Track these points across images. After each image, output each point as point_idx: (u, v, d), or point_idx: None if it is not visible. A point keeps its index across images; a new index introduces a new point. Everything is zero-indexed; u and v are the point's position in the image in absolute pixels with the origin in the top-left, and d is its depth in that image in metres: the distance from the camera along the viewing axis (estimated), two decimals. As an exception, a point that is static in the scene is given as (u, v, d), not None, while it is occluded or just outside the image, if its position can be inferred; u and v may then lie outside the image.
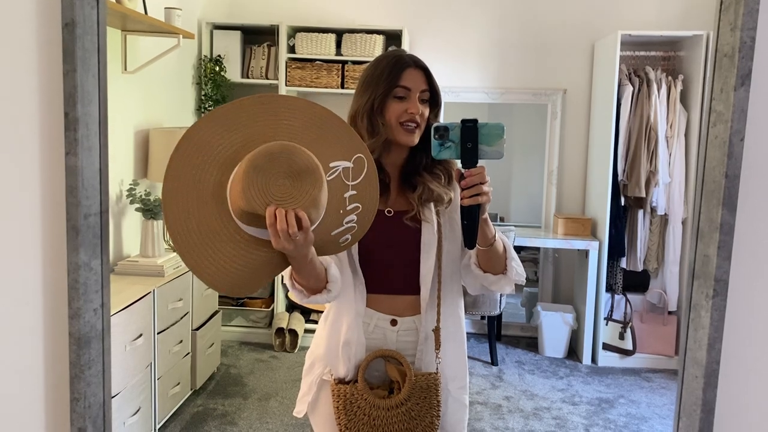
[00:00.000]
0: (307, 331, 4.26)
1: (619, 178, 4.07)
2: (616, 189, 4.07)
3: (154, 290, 2.86)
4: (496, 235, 1.40)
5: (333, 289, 1.36)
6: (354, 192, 1.21)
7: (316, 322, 4.15)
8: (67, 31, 0.74)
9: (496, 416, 3.40)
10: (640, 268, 4.18)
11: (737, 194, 0.68)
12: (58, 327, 0.79)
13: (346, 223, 1.20)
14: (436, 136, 1.30)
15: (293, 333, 4.19)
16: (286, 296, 4.32)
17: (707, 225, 0.71)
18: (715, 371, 0.67)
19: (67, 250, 0.77)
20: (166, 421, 3.10)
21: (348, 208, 1.19)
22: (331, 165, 1.20)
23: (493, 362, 4.11)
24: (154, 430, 2.94)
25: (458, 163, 1.34)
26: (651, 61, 4.16)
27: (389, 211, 1.47)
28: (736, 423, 0.75)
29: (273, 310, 4.36)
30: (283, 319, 4.25)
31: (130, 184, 3.16)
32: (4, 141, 0.76)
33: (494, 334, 4.18)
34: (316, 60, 4.24)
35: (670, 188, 4.06)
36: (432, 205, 1.47)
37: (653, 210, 4.11)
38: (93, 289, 0.77)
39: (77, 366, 0.78)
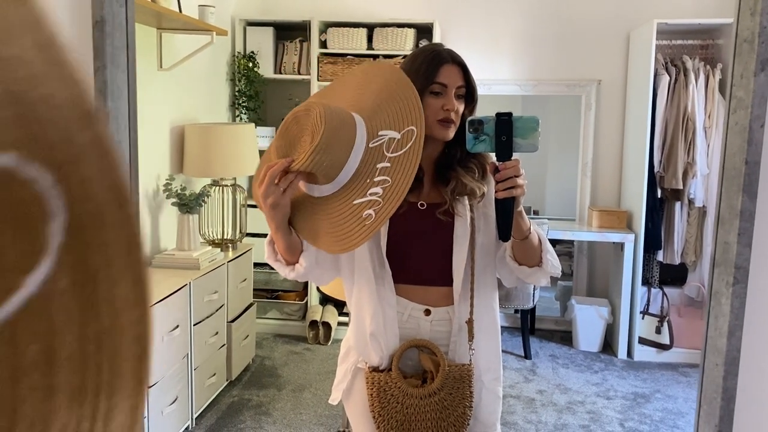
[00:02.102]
0: (340, 323, 4.30)
1: (656, 169, 3.99)
2: (653, 181, 3.99)
3: (190, 283, 2.93)
4: (531, 227, 1.40)
5: (298, 270, 1.40)
6: (387, 164, 1.21)
7: (349, 315, 4.19)
8: (98, 29, 0.77)
9: (529, 410, 3.39)
10: (677, 261, 4.10)
11: (758, 180, 0.67)
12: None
13: (370, 194, 1.20)
14: (471, 130, 1.31)
15: (327, 325, 4.24)
16: (319, 289, 4.37)
17: (728, 212, 0.70)
18: (736, 359, 0.67)
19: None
20: (202, 411, 3.17)
21: (376, 179, 1.20)
22: (380, 133, 1.23)
23: (527, 356, 4.09)
24: (191, 419, 3.02)
25: (493, 157, 1.35)
26: (688, 49, 4.07)
27: (422, 204, 1.48)
28: (757, 410, 0.74)
29: (307, 302, 4.42)
30: (316, 311, 4.30)
31: (167, 179, 3.23)
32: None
33: (528, 328, 4.16)
34: (347, 55, 4.26)
35: (709, 179, 3.97)
36: (465, 199, 1.47)
37: (691, 202, 4.03)
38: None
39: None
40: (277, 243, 1.37)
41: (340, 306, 4.39)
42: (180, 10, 3.15)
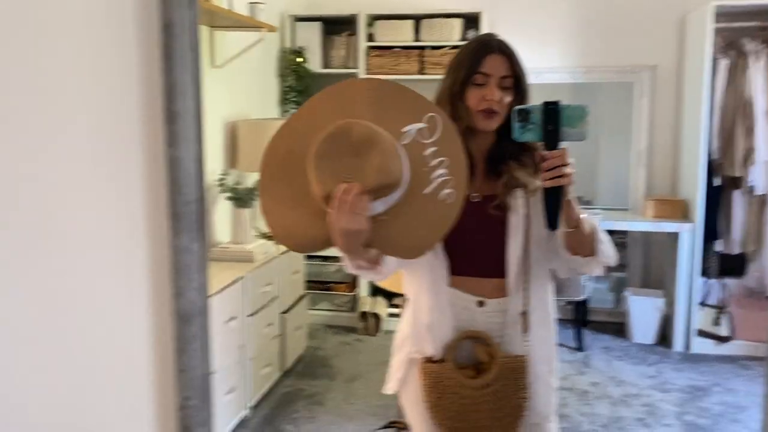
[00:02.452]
0: (390, 315, 4.32)
1: (714, 156, 3.87)
2: (711, 168, 3.87)
3: (245, 275, 3.00)
4: (583, 216, 1.39)
5: (381, 272, 1.38)
6: (434, 148, 1.22)
7: (398, 306, 4.22)
8: (166, 32, 0.80)
9: (583, 402, 3.35)
10: (736, 250, 3.97)
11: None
12: (163, 305, 0.86)
13: (435, 178, 1.21)
14: (518, 119, 1.31)
15: (376, 317, 4.27)
16: (369, 281, 4.41)
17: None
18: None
19: (170, 235, 0.83)
20: (258, 401, 3.24)
21: (432, 164, 1.20)
22: (403, 130, 1.22)
23: (579, 348, 4.03)
24: (248, 408, 3.09)
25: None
26: (748, 32, 3.91)
27: (475, 197, 1.48)
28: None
29: (357, 294, 4.46)
30: (366, 303, 4.34)
31: (221, 174, 3.31)
32: (111, 136, 0.83)
33: (580, 320, 4.10)
34: (394, 47, 4.26)
35: (771, 166, 3.83)
36: (519, 191, 1.47)
37: (751, 189, 3.89)
38: (194, 269, 0.84)
39: (181, 340, 0.85)
40: (360, 260, 1.33)
41: (389, 297, 4.42)
42: (231, 8, 3.21)
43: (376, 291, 4.45)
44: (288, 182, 1.22)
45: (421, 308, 1.51)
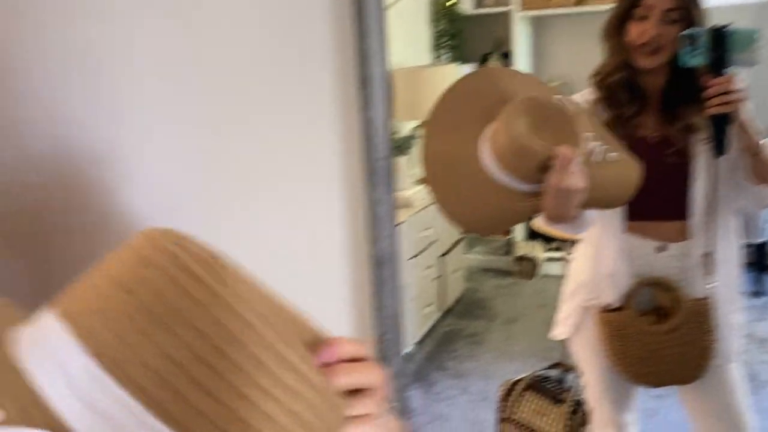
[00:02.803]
0: (547, 259, 4.29)
1: None
2: None
3: (406, 219, 3.13)
4: (764, 141, 1.33)
5: (583, 225, 1.35)
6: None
7: (557, 250, 4.16)
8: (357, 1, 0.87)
9: (763, 350, 3.14)
10: None
11: None
12: (360, 251, 0.97)
13: (595, 149, 1.20)
14: (685, 44, 1.29)
15: (533, 261, 4.26)
16: (529, 225, 4.38)
17: None
18: None
19: (366, 188, 0.93)
20: (421, 338, 3.41)
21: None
22: None
23: (759, 293, 3.75)
24: (412, 345, 3.27)
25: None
26: None
27: (652, 138, 1.43)
28: None
29: (512, 238, 4.46)
30: (522, 247, 4.33)
31: (379, 124, 3.43)
32: (309, 101, 0.93)
33: (760, 263, 3.80)
34: (549, -20, 4.07)
35: None
36: (696, 134, 1.42)
37: None
38: (386, 219, 0.93)
39: (377, 283, 0.95)
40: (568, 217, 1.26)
41: (547, 241, 4.37)
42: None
43: (532, 235, 4.42)
44: (461, 181, 1.18)
45: (602, 255, 1.50)
